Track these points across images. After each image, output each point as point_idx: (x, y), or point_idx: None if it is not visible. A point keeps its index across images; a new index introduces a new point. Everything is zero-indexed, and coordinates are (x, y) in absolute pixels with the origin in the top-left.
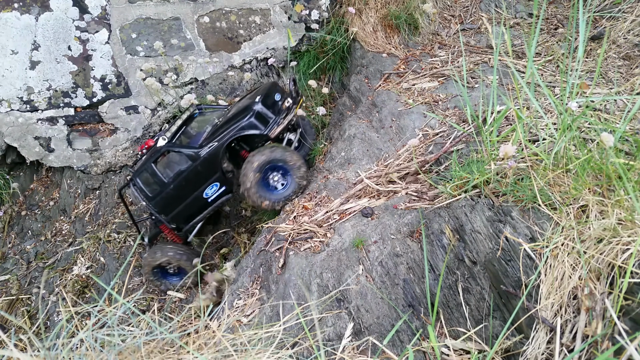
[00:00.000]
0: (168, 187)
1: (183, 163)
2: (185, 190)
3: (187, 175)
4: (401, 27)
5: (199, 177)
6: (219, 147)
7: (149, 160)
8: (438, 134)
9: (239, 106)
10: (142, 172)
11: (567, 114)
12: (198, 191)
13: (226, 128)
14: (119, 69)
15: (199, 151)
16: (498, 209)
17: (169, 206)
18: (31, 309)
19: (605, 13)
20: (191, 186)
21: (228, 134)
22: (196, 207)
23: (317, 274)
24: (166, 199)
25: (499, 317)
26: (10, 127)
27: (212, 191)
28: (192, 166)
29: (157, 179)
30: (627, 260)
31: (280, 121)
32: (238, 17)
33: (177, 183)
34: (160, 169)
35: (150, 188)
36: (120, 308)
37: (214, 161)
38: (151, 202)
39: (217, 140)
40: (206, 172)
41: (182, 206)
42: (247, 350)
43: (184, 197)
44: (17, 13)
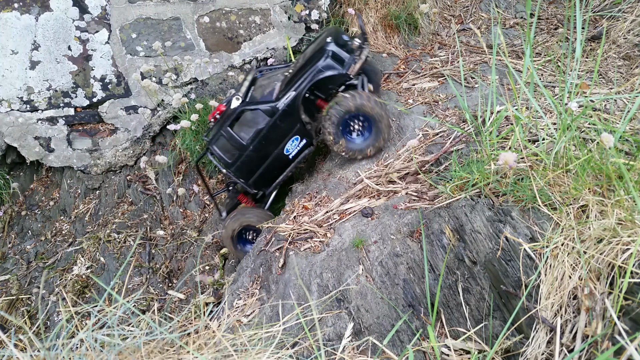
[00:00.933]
0: (247, 149)
1: (260, 121)
2: (266, 150)
3: (266, 132)
4: (401, 27)
5: (279, 133)
6: (297, 96)
7: (225, 124)
8: (438, 134)
9: (306, 55)
10: (218, 138)
11: (566, 114)
12: (279, 148)
13: (301, 75)
14: (119, 69)
15: (276, 104)
16: (498, 209)
17: (251, 170)
18: (31, 309)
19: (605, 13)
20: (272, 144)
21: (305, 80)
22: (278, 166)
23: (317, 274)
24: (247, 163)
25: (499, 317)
26: (10, 127)
27: (293, 146)
28: (270, 122)
29: (235, 142)
30: (627, 260)
31: (357, 59)
32: (238, 17)
33: (256, 143)
34: (237, 131)
35: (229, 154)
36: (120, 308)
37: (293, 112)
38: (231, 168)
39: (295, 89)
40: (286, 126)
41: (263, 167)
42: (247, 350)
43: (265, 158)
44: (17, 13)
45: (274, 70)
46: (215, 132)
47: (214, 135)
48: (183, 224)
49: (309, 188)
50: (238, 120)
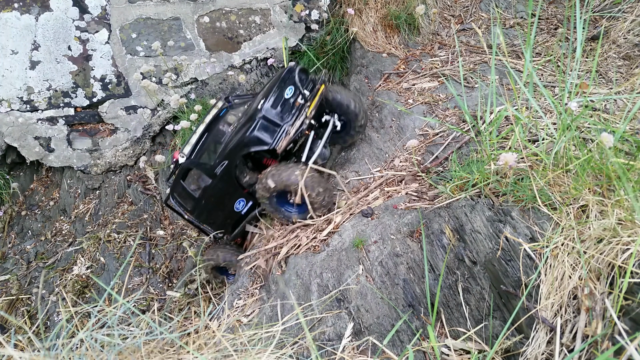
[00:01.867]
0: (200, 202)
1: (205, 180)
2: (216, 205)
3: (211, 192)
4: (401, 27)
5: (223, 194)
6: (229, 166)
7: (178, 177)
8: (438, 134)
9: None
10: (175, 188)
11: (566, 114)
12: (227, 206)
13: (233, 142)
14: (119, 69)
15: (215, 169)
16: (498, 209)
17: (209, 218)
18: (31, 309)
19: (605, 13)
20: (219, 202)
21: (234, 151)
22: (233, 219)
23: (317, 274)
24: (204, 213)
25: (499, 317)
26: (10, 127)
27: (241, 206)
28: (212, 184)
29: (188, 194)
30: (627, 260)
31: (288, 129)
32: (238, 17)
33: (206, 198)
34: (189, 183)
35: (187, 203)
36: (120, 308)
37: (230, 179)
38: (192, 214)
39: (227, 158)
40: (228, 189)
41: (221, 218)
42: (247, 350)
43: (218, 211)
44: (17, 13)
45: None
46: (174, 182)
47: (173, 183)
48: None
49: None
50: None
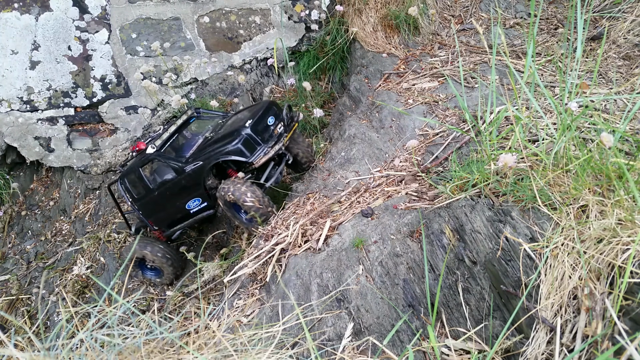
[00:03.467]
0: (153, 192)
1: (169, 173)
2: (168, 199)
3: (171, 186)
4: (401, 27)
5: (182, 190)
6: (203, 167)
7: (137, 164)
8: (438, 134)
9: (232, 122)
10: (129, 173)
11: (566, 114)
12: (181, 202)
13: (214, 148)
14: (119, 69)
15: (184, 166)
16: (498, 209)
17: (153, 210)
18: (31, 309)
19: (605, 13)
20: (174, 197)
21: (214, 155)
22: (178, 216)
23: (317, 274)
24: (150, 204)
25: (499, 317)
26: (10, 127)
27: (195, 204)
28: (176, 179)
29: (143, 183)
30: (627, 260)
31: (268, 150)
32: (238, 17)
33: (161, 191)
34: (147, 174)
35: (137, 190)
36: (120, 308)
37: (198, 178)
38: (136, 203)
39: (202, 160)
40: (189, 187)
41: (164, 212)
42: (247, 350)
43: (167, 205)
44: (17, 13)
45: (213, 116)
46: (129, 167)
47: (128, 168)
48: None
49: (310, 188)
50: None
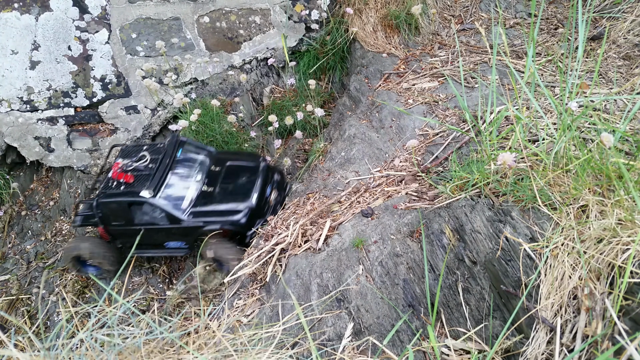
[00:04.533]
0: (134, 226)
1: (160, 217)
2: (149, 236)
3: (159, 229)
4: (401, 27)
5: (169, 235)
6: (201, 227)
7: (125, 196)
8: (438, 134)
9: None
10: (112, 202)
11: (567, 114)
12: (162, 241)
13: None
14: (119, 69)
15: (182, 220)
16: (498, 209)
17: (124, 237)
18: (31, 309)
19: (605, 13)
20: (158, 236)
21: (216, 221)
22: (150, 246)
23: (317, 274)
24: (125, 233)
25: (499, 317)
26: (10, 127)
27: (175, 244)
28: (168, 226)
29: (127, 216)
30: (627, 260)
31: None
32: (238, 17)
33: (144, 230)
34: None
35: (114, 217)
36: (120, 308)
37: (192, 233)
38: (109, 226)
39: (204, 221)
40: (180, 234)
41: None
42: (247, 350)
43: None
44: (17, 13)
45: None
46: (110, 195)
47: (109, 195)
48: None
49: (310, 188)
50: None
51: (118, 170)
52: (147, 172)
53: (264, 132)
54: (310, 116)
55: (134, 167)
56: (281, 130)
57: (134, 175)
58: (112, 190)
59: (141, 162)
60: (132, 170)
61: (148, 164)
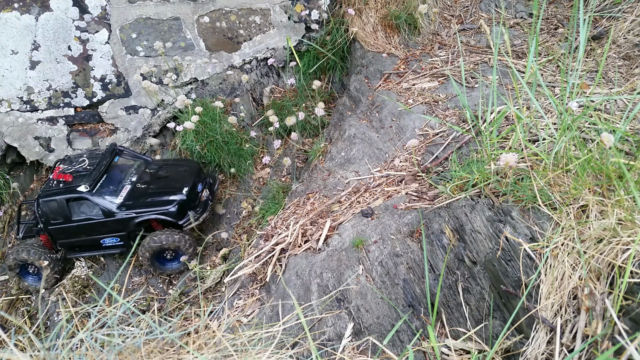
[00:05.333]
0: (71, 223)
1: (95, 212)
2: (86, 232)
3: (95, 224)
4: (401, 27)
5: (104, 229)
6: (134, 218)
7: (64, 194)
8: (438, 134)
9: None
10: (52, 200)
11: (567, 114)
12: (98, 237)
13: (149, 203)
14: (119, 69)
15: (116, 212)
16: (498, 209)
17: (65, 237)
18: (31, 309)
19: (605, 13)
20: (94, 232)
21: (148, 211)
22: (88, 245)
23: (317, 274)
24: (65, 231)
25: (499, 317)
26: (10, 127)
27: (110, 241)
28: (103, 219)
29: (64, 212)
30: (627, 260)
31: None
32: (238, 17)
33: (82, 224)
34: (70, 206)
35: (53, 216)
36: (120, 308)
37: (125, 224)
38: (48, 226)
39: (136, 212)
40: (113, 228)
41: (75, 240)
42: (247, 350)
43: (81, 235)
44: (17, 13)
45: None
46: (51, 194)
47: (48, 194)
48: None
49: (309, 188)
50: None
51: (59, 172)
52: (85, 172)
53: (264, 132)
54: (310, 116)
55: (74, 169)
56: (281, 131)
57: (73, 175)
58: (52, 189)
59: (81, 165)
60: (71, 172)
61: (86, 166)
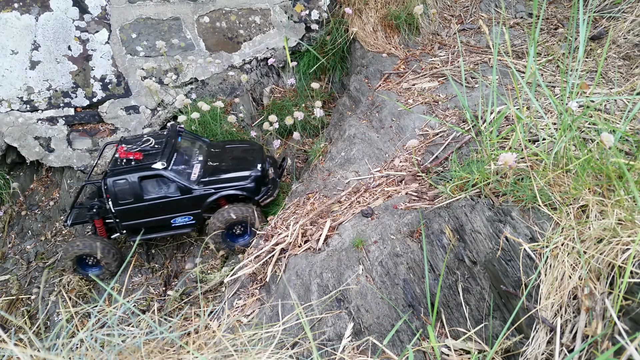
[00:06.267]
0: (143, 202)
1: (171, 191)
2: (158, 212)
3: (169, 202)
4: (401, 27)
5: (179, 207)
6: (212, 195)
7: (136, 172)
8: (438, 134)
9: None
10: (122, 179)
11: (567, 114)
12: (169, 216)
13: (225, 179)
14: (119, 69)
15: (193, 189)
16: (498, 209)
17: (133, 217)
18: (31, 309)
19: (605, 13)
20: (167, 211)
21: (226, 186)
22: (157, 227)
23: (317, 274)
24: (134, 211)
25: (499, 317)
26: (10, 127)
27: (182, 220)
28: (179, 197)
29: (135, 191)
30: (627, 260)
31: (270, 193)
32: (238, 17)
33: (154, 203)
34: (143, 185)
35: (123, 196)
36: (120, 308)
37: (202, 201)
38: (116, 207)
39: (214, 188)
40: (188, 206)
41: (145, 221)
42: (247, 350)
43: (152, 216)
44: (17, 13)
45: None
46: (121, 172)
47: (118, 172)
48: None
49: (309, 188)
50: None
51: (124, 150)
52: (154, 151)
53: (264, 132)
54: (310, 116)
55: (141, 149)
56: (281, 131)
57: (143, 153)
58: (121, 168)
59: (146, 144)
60: (140, 150)
61: (154, 145)
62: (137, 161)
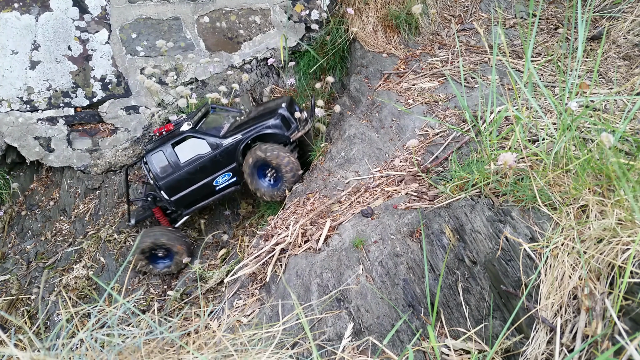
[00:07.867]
0: (182, 169)
1: (202, 149)
2: (198, 175)
3: (204, 161)
4: (401, 27)
5: (215, 165)
6: (241, 140)
7: (168, 141)
8: (438, 134)
9: (260, 110)
10: (157, 152)
11: (566, 114)
12: (210, 178)
13: (251, 125)
14: (119, 69)
15: (222, 141)
16: (498, 209)
17: (177, 188)
18: (31, 309)
19: (605, 13)
20: (205, 172)
21: (253, 129)
22: (203, 193)
23: (317, 274)
24: (177, 181)
25: (499, 317)
26: (10, 127)
27: (223, 180)
28: (211, 153)
29: (172, 160)
30: (627, 260)
31: (301, 128)
32: (238, 17)
33: (192, 167)
34: (177, 151)
35: (162, 169)
36: (120, 308)
37: (234, 152)
38: (159, 181)
39: (242, 134)
40: (223, 161)
41: (189, 190)
42: (247, 350)
43: (194, 182)
44: (17, 13)
45: (227, 111)
46: (155, 146)
47: (153, 147)
48: None
49: (309, 188)
50: (182, 143)
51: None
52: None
53: None
54: None
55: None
56: None
57: (174, 125)
58: (155, 142)
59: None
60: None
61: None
62: (168, 132)
